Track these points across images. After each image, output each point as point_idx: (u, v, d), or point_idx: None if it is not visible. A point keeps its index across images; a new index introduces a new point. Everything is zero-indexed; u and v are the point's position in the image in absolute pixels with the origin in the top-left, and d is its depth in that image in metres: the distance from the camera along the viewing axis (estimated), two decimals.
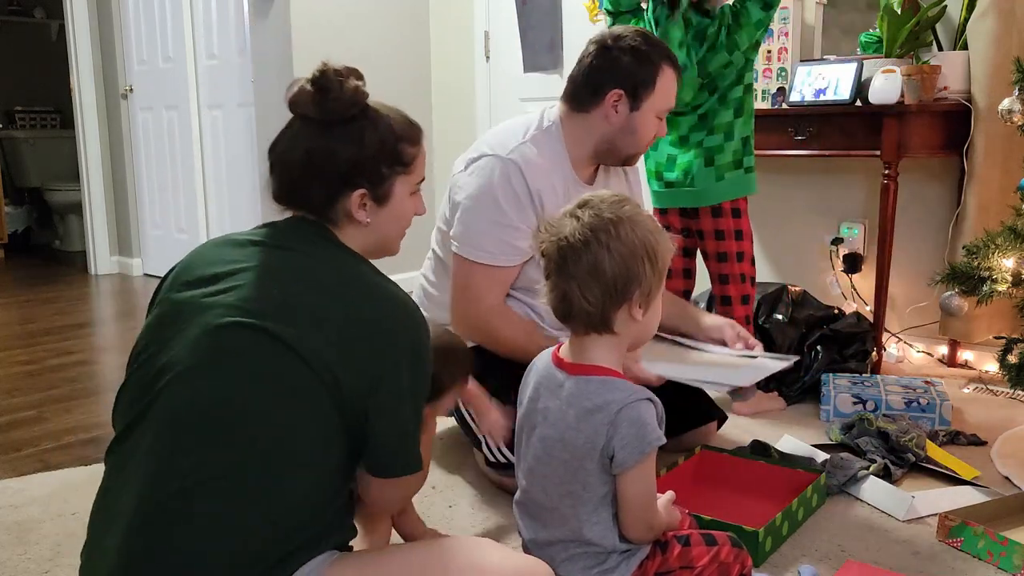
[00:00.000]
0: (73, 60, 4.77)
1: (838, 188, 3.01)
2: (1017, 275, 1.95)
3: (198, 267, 1.15)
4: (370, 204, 1.20)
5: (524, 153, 1.83)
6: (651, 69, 1.83)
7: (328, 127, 1.18)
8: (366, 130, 1.19)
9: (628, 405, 1.16)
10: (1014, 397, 2.47)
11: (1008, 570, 1.50)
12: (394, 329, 1.12)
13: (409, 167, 1.24)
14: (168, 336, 1.09)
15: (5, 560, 1.61)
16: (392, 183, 1.22)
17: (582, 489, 1.19)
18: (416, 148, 1.25)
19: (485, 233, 1.81)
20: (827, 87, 2.67)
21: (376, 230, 1.23)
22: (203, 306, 1.09)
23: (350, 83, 1.18)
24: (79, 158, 4.92)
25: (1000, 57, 2.47)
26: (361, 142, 1.19)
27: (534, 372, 1.29)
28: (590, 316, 1.17)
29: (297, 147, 1.19)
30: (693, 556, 1.24)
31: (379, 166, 1.20)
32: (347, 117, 1.18)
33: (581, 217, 1.17)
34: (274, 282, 1.11)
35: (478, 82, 4.14)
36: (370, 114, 1.21)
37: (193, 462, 1.02)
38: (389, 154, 1.21)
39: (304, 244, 1.17)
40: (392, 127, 1.22)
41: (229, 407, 1.04)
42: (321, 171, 1.18)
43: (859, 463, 1.84)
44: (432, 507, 1.80)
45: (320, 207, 1.20)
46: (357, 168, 1.18)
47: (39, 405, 2.60)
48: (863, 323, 2.63)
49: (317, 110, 1.17)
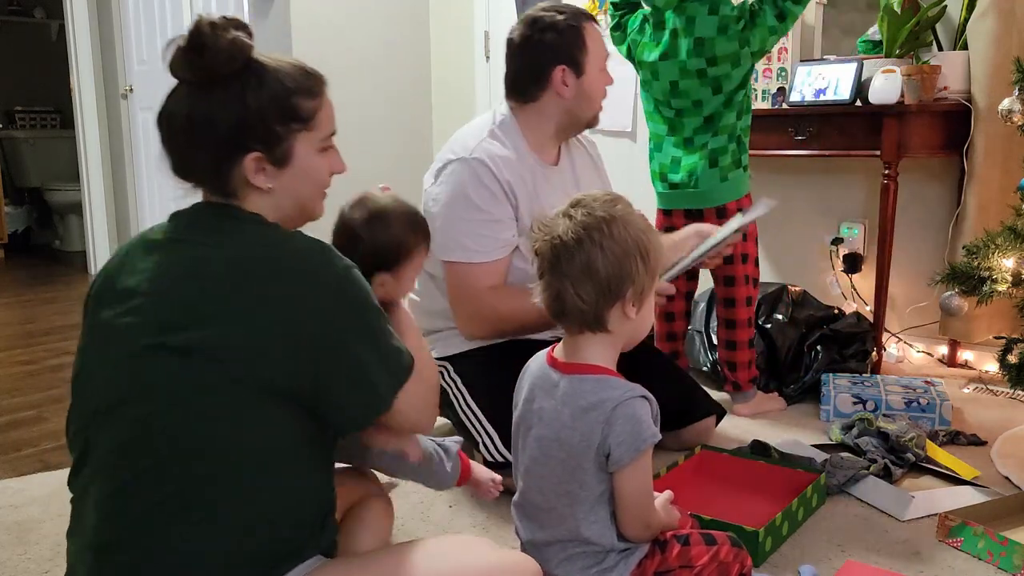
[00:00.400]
0: (73, 60, 4.77)
1: (838, 188, 3.01)
2: (1017, 275, 1.95)
3: (115, 279, 1.10)
4: (269, 167, 1.11)
5: (487, 149, 1.87)
6: (577, 33, 1.90)
7: (207, 88, 1.08)
8: (249, 86, 1.09)
9: (623, 403, 1.16)
10: (1014, 397, 2.47)
11: (1008, 570, 1.50)
12: (301, 293, 1.05)
13: (308, 123, 1.14)
14: (94, 367, 1.08)
15: (5, 560, 1.61)
16: (291, 142, 1.12)
17: (579, 488, 1.19)
18: (315, 101, 1.15)
19: (466, 233, 1.84)
20: (827, 87, 2.67)
21: (285, 195, 1.14)
22: (119, 330, 1.05)
23: (226, 35, 1.07)
24: (79, 158, 4.92)
25: (1000, 57, 2.47)
26: (243, 100, 1.08)
27: (529, 373, 1.29)
28: (584, 314, 1.18)
29: (179, 114, 1.09)
30: (692, 555, 1.24)
31: (271, 124, 1.10)
32: (227, 74, 1.08)
33: (574, 216, 1.17)
34: (178, 287, 1.05)
35: (478, 82, 4.13)
36: (254, 68, 1.10)
37: (145, 494, 1.00)
38: (281, 110, 1.11)
39: (204, 233, 1.10)
40: (282, 80, 1.11)
41: (166, 435, 1.00)
42: (204, 137, 1.09)
43: (859, 463, 1.84)
44: (432, 507, 1.80)
45: (213, 177, 1.11)
46: (244, 129, 1.09)
47: (39, 405, 2.60)
48: (863, 323, 2.63)
49: (192, 70, 1.08)
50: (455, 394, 1.95)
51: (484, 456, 1.85)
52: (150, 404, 1.01)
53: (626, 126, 3.44)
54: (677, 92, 2.23)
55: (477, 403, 1.90)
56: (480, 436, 1.86)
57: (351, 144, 4.58)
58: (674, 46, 2.21)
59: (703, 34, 2.17)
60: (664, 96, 2.26)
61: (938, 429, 2.14)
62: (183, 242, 1.09)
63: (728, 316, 2.32)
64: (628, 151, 3.38)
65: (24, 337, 3.50)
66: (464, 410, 1.92)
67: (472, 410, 1.90)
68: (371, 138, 4.06)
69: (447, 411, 2.05)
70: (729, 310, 2.32)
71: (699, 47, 2.17)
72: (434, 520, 1.74)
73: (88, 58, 4.78)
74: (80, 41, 4.75)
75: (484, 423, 1.87)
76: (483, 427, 1.87)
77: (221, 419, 1.01)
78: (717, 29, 2.16)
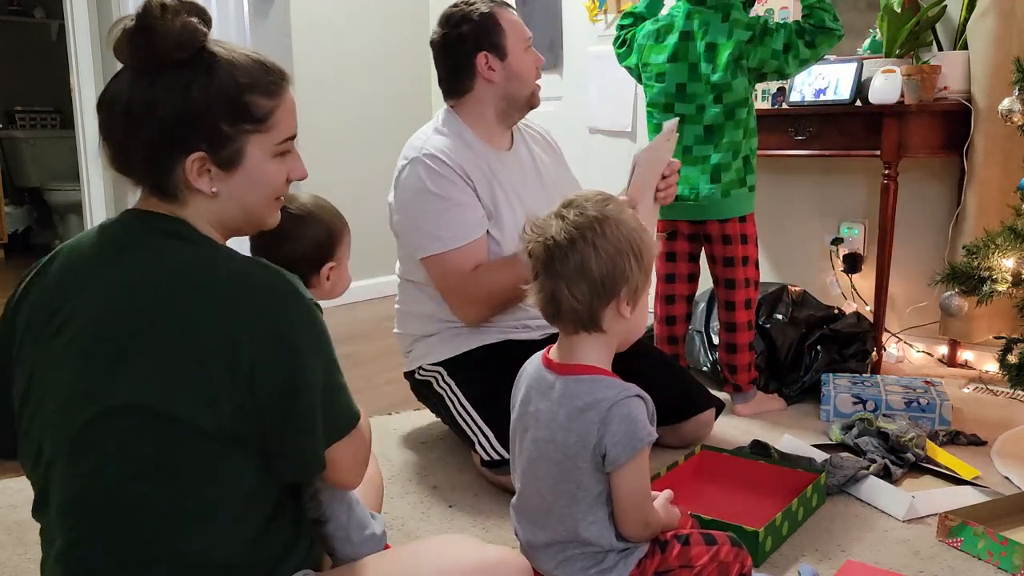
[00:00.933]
0: (73, 60, 4.76)
1: (838, 188, 3.01)
2: (1017, 275, 1.96)
3: (45, 306, 1.01)
4: (214, 170, 1.01)
5: (434, 143, 1.91)
6: (490, 19, 1.93)
7: (151, 74, 0.98)
8: (197, 78, 0.99)
9: (618, 402, 1.16)
10: (1014, 397, 2.47)
11: (1008, 570, 1.50)
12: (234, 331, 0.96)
13: (263, 124, 1.03)
14: (36, 410, 1.00)
15: (5, 560, 1.61)
16: (241, 144, 1.02)
17: (576, 489, 1.19)
18: (272, 100, 1.04)
19: (436, 224, 1.86)
20: (827, 87, 2.67)
21: (231, 201, 1.04)
22: (58, 370, 0.98)
23: (178, 19, 0.97)
24: (79, 158, 4.92)
25: (1000, 57, 2.47)
26: (187, 92, 0.98)
27: (525, 376, 1.29)
28: (578, 314, 1.18)
29: (118, 100, 0.99)
30: (692, 555, 1.24)
31: (217, 123, 1.00)
32: (174, 61, 0.98)
33: (567, 216, 1.17)
34: (102, 323, 0.97)
35: None
36: (206, 58, 1.00)
37: (101, 541, 0.96)
38: (231, 108, 1.00)
39: (129, 250, 1.00)
40: (234, 74, 1.01)
41: (109, 493, 0.96)
42: (143, 129, 0.99)
43: (859, 463, 1.84)
44: (432, 507, 1.80)
45: (151, 175, 1.02)
46: (185, 125, 0.99)
47: None
48: (863, 323, 2.63)
49: (135, 54, 0.98)
50: (449, 398, 1.95)
51: (481, 456, 1.85)
52: (88, 464, 0.96)
53: (626, 126, 3.44)
54: (684, 95, 2.23)
55: (471, 403, 1.90)
56: (476, 436, 1.87)
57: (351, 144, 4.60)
58: (684, 48, 2.22)
59: (714, 39, 2.18)
60: (669, 99, 2.25)
61: (938, 429, 2.14)
62: (109, 262, 1.00)
63: (728, 319, 2.32)
64: (628, 151, 3.38)
65: None
66: (459, 412, 1.92)
67: (467, 411, 1.90)
68: (371, 138, 4.06)
69: (441, 415, 2.06)
70: (730, 313, 2.32)
71: (710, 51, 2.18)
72: (434, 520, 1.74)
73: (88, 58, 4.77)
74: (80, 41, 4.74)
75: (479, 423, 1.87)
76: (478, 427, 1.87)
77: (179, 473, 0.96)
78: (726, 34, 2.17)
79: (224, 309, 0.97)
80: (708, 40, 2.19)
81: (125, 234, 1.03)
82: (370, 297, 4.10)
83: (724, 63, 2.16)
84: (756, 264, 2.34)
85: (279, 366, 0.97)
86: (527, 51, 1.98)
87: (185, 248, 1.01)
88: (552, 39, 3.71)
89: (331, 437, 1.04)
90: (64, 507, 0.98)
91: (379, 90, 4.08)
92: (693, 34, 2.21)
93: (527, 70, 1.98)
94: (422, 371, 2.04)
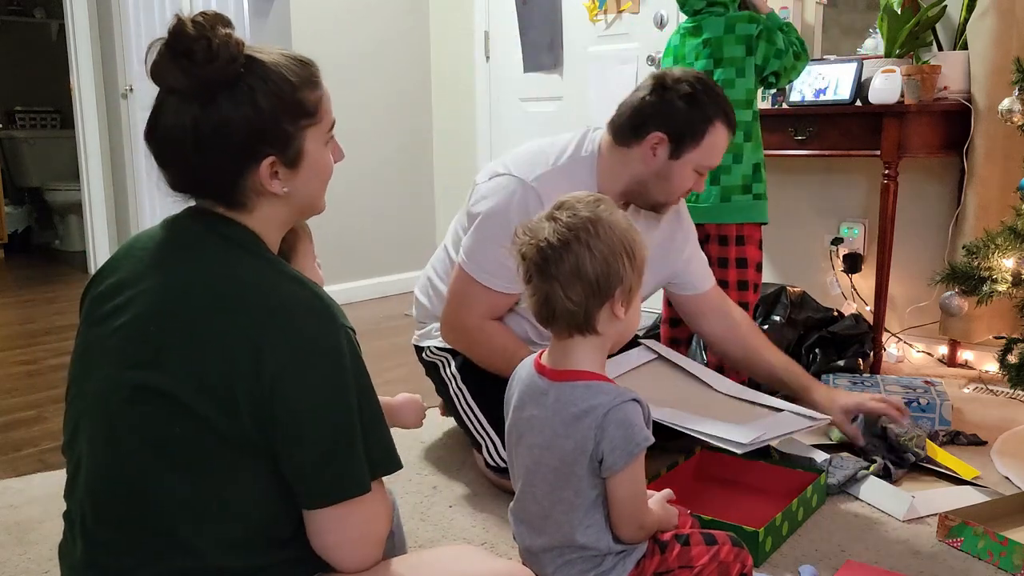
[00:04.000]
0: (73, 60, 4.77)
1: (838, 188, 3.01)
2: (1017, 275, 1.96)
3: (104, 293, 1.05)
4: (282, 170, 1.04)
5: (548, 182, 1.77)
6: (703, 123, 1.77)
7: (209, 95, 0.98)
8: (256, 88, 1.00)
9: (615, 407, 1.16)
10: (1014, 397, 2.47)
11: (1008, 570, 1.50)
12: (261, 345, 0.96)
13: (315, 116, 1.06)
14: (80, 391, 1.04)
15: (5, 560, 1.61)
16: (302, 140, 1.05)
17: (573, 495, 1.19)
18: (317, 92, 1.06)
19: (489, 254, 1.79)
20: (827, 87, 2.67)
21: (297, 196, 1.07)
22: (103, 354, 1.01)
23: (220, 35, 0.97)
24: (79, 158, 4.92)
25: (1000, 57, 2.47)
26: (254, 103, 0.99)
27: (517, 381, 1.29)
28: (573, 316, 1.17)
29: (180, 126, 0.99)
30: (692, 556, 1.24)
31: (282, 125, 1.02)
32: (232, 77, 0.99)
33: (559, 218, 1.17)
34: (152, 317, 0.99)
35: (478, 82, 4.14)
36: (255, 68, 1.01)
37: (120, 527, 0.98)
38: (290, 108, 1.02)
39: (192, 251, 1.03)
40: (284, 75, 1.02)
41: (133, 484, 0.97)
42: (216, 150, 0.99)
43: (859, 463, 1.84)
44: (432, 507, 1.80)
45: (225, 190, 1.03)
46: (257, 135, 1.00)
47: (39, 405, 2.59)
48: (861, 325, 2.63)
49: (190, 80, 0.97)
50: (455, 392, 1.94)
51: (486, 459, 1.85)
52: (121, 450, 0.98)
53: None
54: None
55: (479, 405, 1.89)
56: (483, 440, 1.86)
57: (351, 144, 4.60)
58: (682, 48, 2.24)
59: (711, 35, 2.19)
60: None
61: (938, 429, 2.14)
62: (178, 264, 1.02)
63: None
64: None
65: (24, 337, 3.50)
66: (465, 412, 1.91)
67: (474, 412, 1.90)
68: (371, 138, 4.06)
69: (445, 403, 2.05)
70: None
71: (707, 47, 2.19)
72: (433, 520, 1.74)
73: (88, 58, 4.78)
74: (80, 41, 4.75)
75: (486, 426, 1.86)
76: (485, 430, 1.86)
77: (199, 469, 0.97)
78: (724, 28, 2.17)
79: (262, 325, 0.97)
80: (705, 36, 2.19)
81: (191, 235, 1.04)
82: (370, 297, 4.10)
83: (730, 59, 2.16)
84: (757, 267, 2.31)
85: (295, 386, 0.97)
86: (695, 173, 1.82)
87: (250, 262, 1.02)
88: (552, 39, 3.71)
89: (375, 470, 1.02)
90: (89, 487, 1.00)
91: (379, 89, 4.08)
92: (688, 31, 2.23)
93: (680, 186, 1.83)
94: (430, 352, 2.02)
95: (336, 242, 3.87)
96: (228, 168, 1.01)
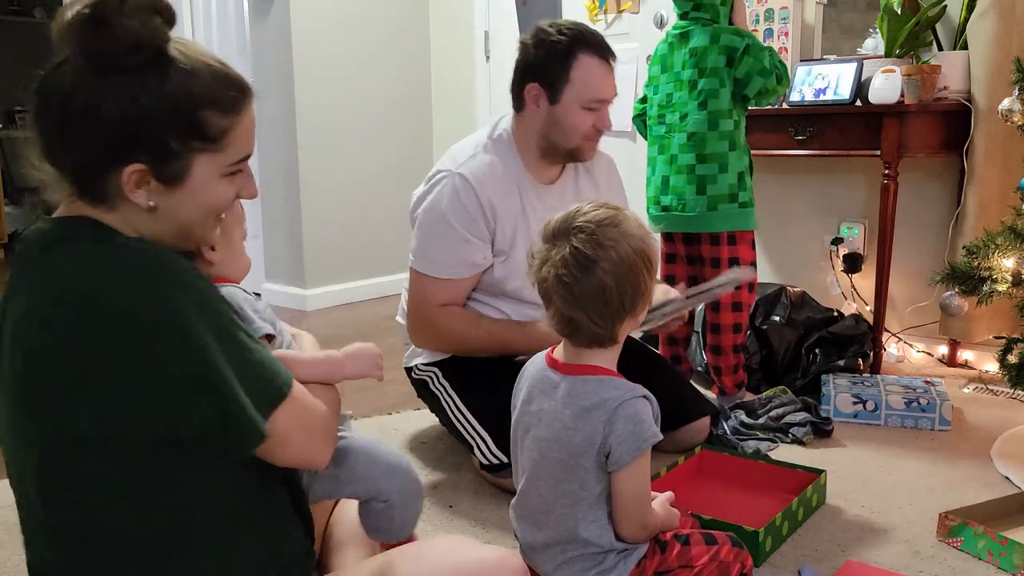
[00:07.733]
0: None
1: (838, 188, 3.01)
2: (1017, 275, 1.96)
3: None
4: (154, 184, 0.92)
5: (474, 166, 1.85)
6: (564, 59, 1.81)
7: (101, 73, 0.89)
8: (148, 85, 0.89)
9: (625, 402, 1.17)
10: (1014, 397, 2.47)
11: (1008, 570, 1.50)
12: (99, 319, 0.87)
13: (215, 143, 0.94)
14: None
15: (5, 560, 1.61)
16: (188, 161, 0.93)
17: (579, 488, 1.19)
18: (229, 118, 0.95)
19: (436, 248, 1.85)
20: (827, 87, 2.67)
21: (168, 216, 0.95)
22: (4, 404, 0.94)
23: (138, 17, 0.88)
24: None
25: (1000, 57, 2.47)
26: (137, 101, 0.89)
27: (527, 375, 1.29)
28: (598, 336, 1.18)
29: (58, 92, 0.91)
30: (692, 555, 1.24)
31: (164, 136, 0.91)
32: (128, 64, 0.89)
33: (574, 242, 1.15)
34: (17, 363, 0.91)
35: (478, 82, 4.14)
36: (164, 67, 0.91)
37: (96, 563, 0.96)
38: (181, 122, 0.91)
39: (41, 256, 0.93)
40: (190, 85, 0.91)
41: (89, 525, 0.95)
42: (81, 130, 0.90)
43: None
44: (432, 507, 1.80)
45: (81, 177, 0.93)
46: (128, 135, 0.90)
47: None
48: (861, 326, 2.63)
49: (83, 46, 0.89)
50: (445, 400, 1.95)
51: (480, 460, 1.85)
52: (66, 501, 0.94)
53: (626, 126, 3.43)
54: (671, 103, 2.27)
55: (468, 407, 1.90)
56: (474, 440, 1.86)
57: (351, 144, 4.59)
58: (671, 58, 2.27)
59: (697, 44, 2.21)
60: (661, 110, 2.30)
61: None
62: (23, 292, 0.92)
63: (714, 320, 2.31)
64: (628, 151, 3.38)
65: None
66: (455, 415, 1.92)
67: (463, 414, 1.90)
68: (371, 139, 4.06)
69: (437, 416, 2.06)
70: (715, 315, 2.31)
71: (692, 56, 2.21)
72: (433, 520, 1.74)
73: None
74: None
75: (476, 426, 1.87)
76: (475, 431, 1.87)
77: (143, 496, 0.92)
78: (710, 39, 2.19)
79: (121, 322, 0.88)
80: (691, 46, 2.21)
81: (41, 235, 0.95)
82: (370, 297, 4.10)
83: (713, 69, 2.18)
84: (752, 266, 2.32)
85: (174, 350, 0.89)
86: (585, 109, 1.83)
87: (93, 256, 0.92)
88: None
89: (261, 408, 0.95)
90: (51, 530, 0.98)
91: (379, 90, 4.08)
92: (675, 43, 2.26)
93: (574, 125, 1.84)
94: (418, 370, 2.04)
95: (336, 242, 3.87)
96: (88, 155, 0.92)
